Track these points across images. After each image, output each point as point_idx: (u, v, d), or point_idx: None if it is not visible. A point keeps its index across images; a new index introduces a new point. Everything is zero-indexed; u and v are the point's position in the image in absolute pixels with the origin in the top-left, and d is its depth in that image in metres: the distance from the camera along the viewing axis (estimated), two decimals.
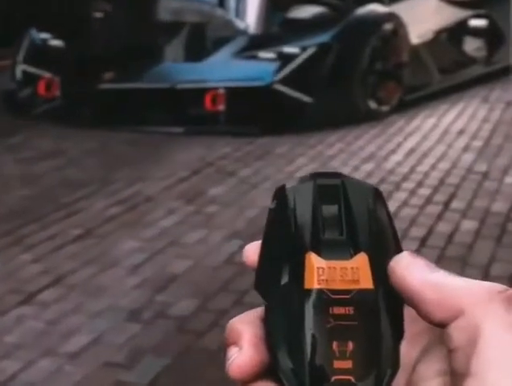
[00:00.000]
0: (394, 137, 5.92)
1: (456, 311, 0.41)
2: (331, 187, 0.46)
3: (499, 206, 4.39)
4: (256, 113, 6.04)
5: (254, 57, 6.22)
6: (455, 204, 4.43)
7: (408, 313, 0.44)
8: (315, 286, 0.43)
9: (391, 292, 0.44)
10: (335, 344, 0.42)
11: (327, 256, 0.44)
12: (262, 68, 6.12)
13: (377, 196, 0.47)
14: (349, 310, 0.43)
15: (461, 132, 6.05)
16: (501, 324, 0.40)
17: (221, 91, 6.03)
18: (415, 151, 5.54)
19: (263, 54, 6.21)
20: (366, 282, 0.43)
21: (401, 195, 4.57)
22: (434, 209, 4.33)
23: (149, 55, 6.36)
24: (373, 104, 6.44)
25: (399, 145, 5.70)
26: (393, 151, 5.52)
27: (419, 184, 4.80)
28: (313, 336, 0.42)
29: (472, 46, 8.41)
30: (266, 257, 0.46)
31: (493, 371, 0.39)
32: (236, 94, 6.04)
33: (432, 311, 0.42)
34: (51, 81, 6.39)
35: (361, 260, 0.44)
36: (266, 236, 0.46)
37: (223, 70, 6.18)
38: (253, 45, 6.36)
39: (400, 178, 4.89)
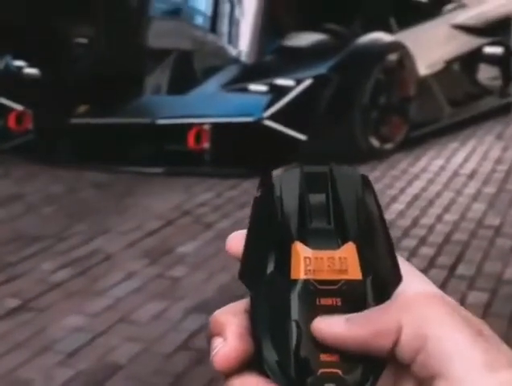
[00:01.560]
0: (396, 181, 5.31)
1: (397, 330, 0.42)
2: (318, 175, 0.45)
3: None
4: (244, 153, 5.46)
5: (244, 89, 5.64)
6: (461, 269, 3.82)
7: (398, 302, 0.44)
8: (302, 277, 0.42)
9: (379, 282, 0.43)
10: None
11: (314, 246, 0.43)
12: (251, 102, 5.54)
13: (366, 184, 0.46)
14: (337, 301, 0.42)
15: (472, 175, 5.44)
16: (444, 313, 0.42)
17: (206, 127, 5.45)
18: (419, 198, 4.93)
19: (254, 86, 5.62)
20: (354, 272, 0.43)
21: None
22: (437, 275, 3.71)
23: (129, 87, 5.78)
24: (375, 142, 5.85)
25: (402, 191, 5.09)
26: (394, 199, 4.91)
27: (422, 241, 4.19)
28: (299, 327, 0.42)
29: (486, 75, 7.81)
30: (252, 246, 0.45)
31: (455, 365, 0.40)
32: (222, 131, 5.46)
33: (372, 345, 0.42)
34: (23, 114, 5.82)
35: (349, 250, 0.43)
36: (251, 225, 0.45)
37: (209, 104, 5.60)
38: (244, 76, 5.78)
39: (400, 233, 4.28)
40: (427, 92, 6.43)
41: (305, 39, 6.34)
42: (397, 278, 0.45)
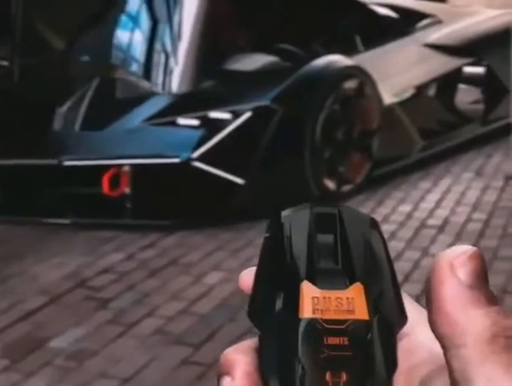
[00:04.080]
0: None
1: (459, 339, 0.39)
2: (327, 216, 0.46)
3: None
4: (171, 200, 4.57)
5: (172, 124, 4.72)
6: None
7: (403, 345, 0.44)
8: (310, 315, 0.43)
9: (386, 323, 0.44)
10: (328, 375, 0.42)
11: (322, 286, 0.44)
12: (179, 140, 4.63)
13: (374, 226, 0.46)
14: (344, 341, 0.43)
15: (442, 227, 4.53)
16: (500, 366, 0.38)
17: (125, 169, 4.54)
18: None
19: (184, 120, 4.71)
20: (361, 313, 0.43)
21: None
22: None
23: (37, 122, 4.86)
24: (330, 185, 4.95)
25: None
26: None
27: None
28: (306, 366, 0.42)
29: (465, 100, 6.93)
30: (260, 286, 0.45)
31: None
32: (144, 174, 4.56)
33: (437, 323, 0.40)
34: None
35: (357, 291, 0.44)
36: (260, 264, 0.46)
37: (129, 141, 4.68)
38: (174, 107, 4.86)
39: None
40: (395, 124, 5.54)
41: (251, 62, 5.43)
42: (402, 319, 0.44)
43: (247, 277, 0.47)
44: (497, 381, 0.37)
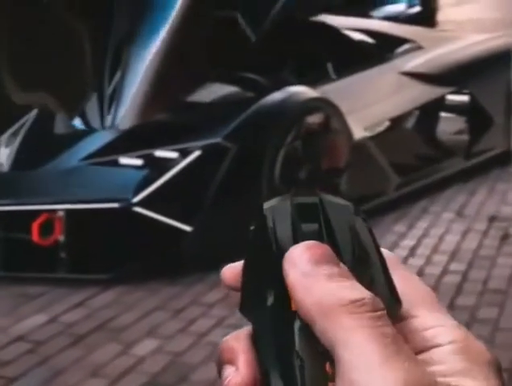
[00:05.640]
0: None
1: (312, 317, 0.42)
2: (309, 205, 0.46)
3: None
4: (108, 249, 4.06)
5: (113, 163, 4.22)
6: None
7: (401, 328, 0.44)
8: None
9: None
10: (328, 366, 0.42)
11: None
12: (120, 182, 4.13)
13: (357, 212, 0.46)
14: None
15: None
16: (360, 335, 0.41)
17: (59, 215, 4.04)
18: None
19: (126, 159, 4.21)
20: None
21: None
22: None
23: None
24: None
25: None
26: None
27: None
28: (304, 358, 0.42)
29: (448, 131, 6.45)
30: (250, 279, 0.46)
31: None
32: (80, 220, 4.06)
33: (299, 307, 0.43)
34: None
35: None
36: (247, 258, 0.46)
37: (64, 183, 4.18)
38: (116, 145, 4.35)
39: None
40: (367, 160, 5.04)
41: (210, 92, 4.92)
42: (397, 304, 0.45)
43: (230, 273, 0.47)
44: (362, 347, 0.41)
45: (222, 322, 3.50)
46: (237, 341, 0.44)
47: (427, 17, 10.43)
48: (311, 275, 0.43)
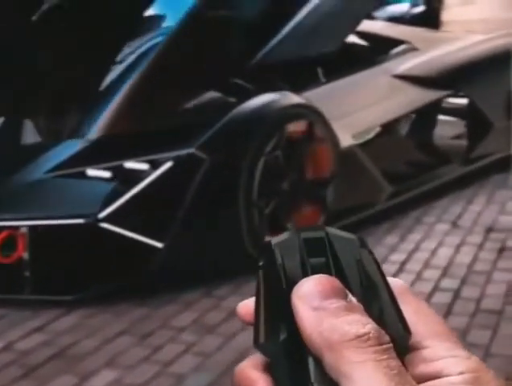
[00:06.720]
0: None
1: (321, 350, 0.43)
2: (315, 240, 0.46)
3: None
4: (74, 268, 3.79)
5: (80, 176, 3.95)
6: None
7: (412, 359, 0.45)
8: None
9: (391, 340, 0.44)
10: None
11: None
12: (86, 196, 3.86)
13: (362, 245, 0.47)
14: None
15: None
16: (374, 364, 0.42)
17: (22, 231, 3.77)
18: None
19: (93, 171, 3.94)
20: None
21: None
22: None
23: None
24: None
25: None
26: None
27: None
28: None
29: (446, 135, 6.18)
30: (261, 315, 0.46)
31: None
32: (45, 236, 3.79)
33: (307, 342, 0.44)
34: None
35: None
36: (258, 293, 0.46)
37: (27, 197, 3.91)
38: (84, 156, 4.09)
39: None
40: (356, 169, 4.76)
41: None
42: (406, 334, 0.45)
43: (245, 308, 0.48)
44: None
45: (191, 348, 3.23)
46: (254, 370, 0.45)
47: (431, 17, 10.15)
48: (318, 309, 0.44)
